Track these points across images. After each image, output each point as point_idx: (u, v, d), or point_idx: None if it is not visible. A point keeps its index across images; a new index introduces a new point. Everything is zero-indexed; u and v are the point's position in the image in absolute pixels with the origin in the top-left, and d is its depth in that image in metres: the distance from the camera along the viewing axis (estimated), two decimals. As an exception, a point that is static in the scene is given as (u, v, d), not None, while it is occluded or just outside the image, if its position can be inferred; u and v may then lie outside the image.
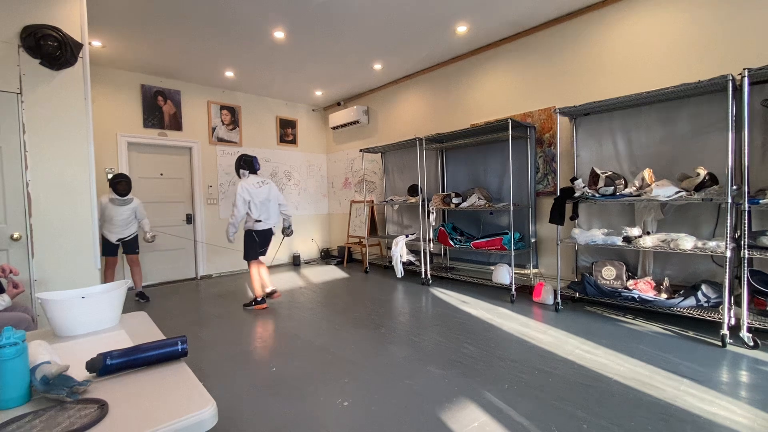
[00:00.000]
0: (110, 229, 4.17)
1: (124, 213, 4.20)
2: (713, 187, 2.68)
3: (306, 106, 6.87)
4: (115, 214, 4.14)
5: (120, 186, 4.12)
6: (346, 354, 2.67)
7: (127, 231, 4.28)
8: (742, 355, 2.42)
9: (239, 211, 3.68)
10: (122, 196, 4.15)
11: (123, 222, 4.21)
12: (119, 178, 4.15)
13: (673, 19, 3.17)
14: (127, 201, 4.21)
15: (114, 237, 4.21)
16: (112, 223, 4.16)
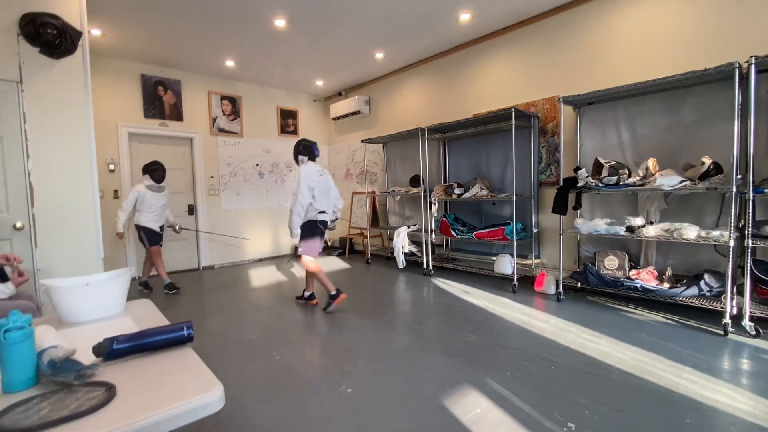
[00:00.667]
0: (151, 218, 4.14)
1: (162, 200, 4.20)
2: (718, 177, 2.66)
3: (307, 96, 6.82)
4: (155, 202, 4.12)
5: (156, 173, 4.10)
6: (349, 342, 2.68)
7: (163, 219, 4.28)
8: (744, 344, 2.43)
9: (304, 199, 3.26)
10: (158, 182, 4.13)
11: (162, 209, 4.21)
12: (155, 165, 4.12)
13: (678, 6, 3.12)
14: (163, 188, 4.20)
15: (157, 225, 4.19)
16: (153, 210, 4.13)
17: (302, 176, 3.28)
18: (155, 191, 4.12)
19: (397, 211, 5.79)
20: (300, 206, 3.27)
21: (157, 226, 4.20)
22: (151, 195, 4.09)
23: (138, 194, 4.04)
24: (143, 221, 4.10)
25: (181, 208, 5.48)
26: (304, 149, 3.43)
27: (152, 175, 4.09)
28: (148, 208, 4.10)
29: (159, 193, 4.16)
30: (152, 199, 4.10)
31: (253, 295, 4.09)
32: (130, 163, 5.01)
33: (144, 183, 4.09)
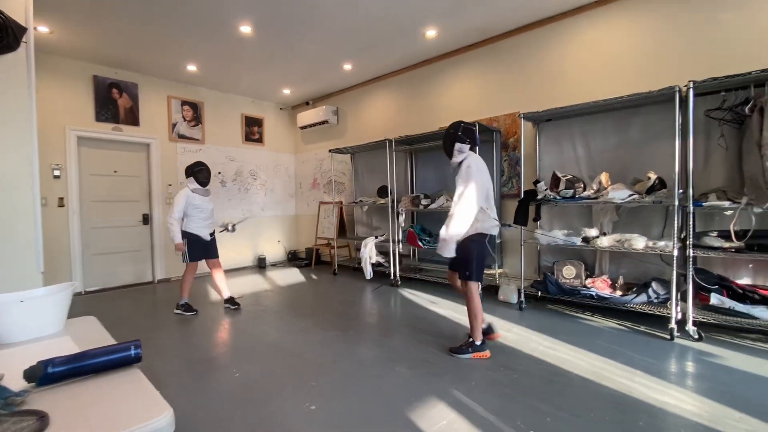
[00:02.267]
0: (201, 224, 3.71)
1: (210, 204, 3.81)
2: (662, 191, 2.87)
3: (273, 105, 6.72)
4: (206, 206, 3.74)
5: (201, 174, 3.69)
6: (313, 357, 2.61)
7: (211, 224, 3.87)
8: (689, 347, 2.59)
9: (474, 202, 2.38)
10: (204, 185, 3.73)
11: (211, 214, 3.82)
12: (200, 166, 3.70)
13: (627, 32, 3.38)
14: (209, 191, 3.83)
15: (206, 233, 3.77)
16: (203, 215, 3.72)
17: (473, 169, 2.39)
18: (202, 194, 3.72)
19: (364, 221, 5.77)
20: (470, 211, 2.37)
21: (207, 233, 3.78)
22: (198, 198, 3.68)
23: (187, 198, 3.61)
24: (191, 227, 3.66)
25: (135, 218, 5.17)
26: (465, 133, 2.52)
27: (197, 177, 3.67)
28: (198, 212, 3.68)
29: (206, 197, 3.77)
30: (201, 202, 3.70)
31: (213, 309, 3.90)
32: (78, 169, 4.68)
33: (189, 186, 3.68)
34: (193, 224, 3.67)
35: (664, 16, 3.19)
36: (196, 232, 3.68)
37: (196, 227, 3.68)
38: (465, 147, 2.54)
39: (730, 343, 2.63)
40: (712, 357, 2.43)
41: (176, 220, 3.58)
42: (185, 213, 3.64)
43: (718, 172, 2.91)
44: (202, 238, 3.71)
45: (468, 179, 2.39)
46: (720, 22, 2.95)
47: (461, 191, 2.40)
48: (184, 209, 3.61)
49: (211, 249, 3.82)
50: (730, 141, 2.82)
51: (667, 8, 3.17)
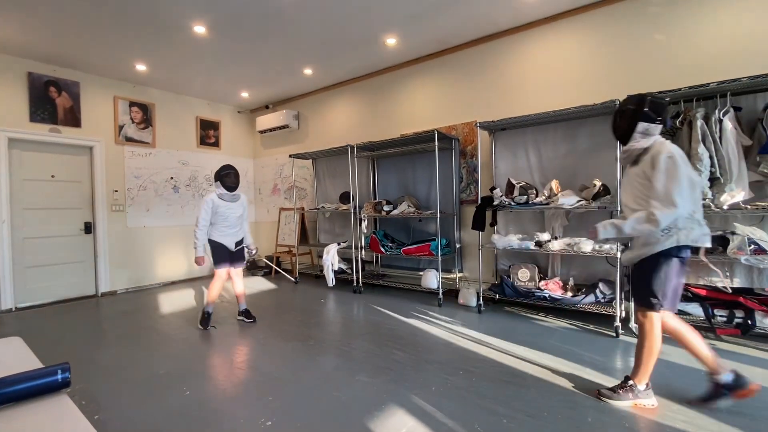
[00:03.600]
0: (225, 232, 3.48)
1: (237, 210, 3.53)
2: (606, 197, 3.06)
3: (231, 108, 6.50)
4: (228, 213, 3.46)
5: (228, 179, 3.44)
6: (271, 370, 2.52)
7: (241, 233, 3.62)
8: (631, 343, 2.76)
9: (681, 206, 1.79)
10: (231, 190, 3.47)
11: (237, 222, 3.56)
12: (227, 170, 3.46)
13: (574, 48, 3.60)
14: (237, 196, 3.54)
15: (232, 242, 3.52)
16: (228, 223, 3.47)
17: (679, 161, 1.80)
18: (228, 200, 3.47)
19: (327, 228, 5.70)
20: (670, 217, 1.78)
21: (233, 242, 3.53)
22: (224, 205, 3.44)
23: (211, 204, 3.39)
24: (215, 236, 3.46)
25: (76, 227, 4.79)
26: (654, 109, 1.91)
27: (224, 182, 3.43)
28: (222, 220, 3.45)
29: (233, 203, 3.50)
30: (226, 210, 3.46)
31: (163, 322, 3.67)
32: (9, 174, 4.27)
33: (216, 191, 3.45)
34: (217, 232, 3.47)
35: (606, 34, 3.43)
36: (218, 240, 3.47)
37: (219, 235, 3.47)
38: (655, 128, 1.92)
39: (668, 338, 2.83)
40: (652, 352, 2.60)
41: (200, 229, 3.38)
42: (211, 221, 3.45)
43: (655, 180, 3.15)
44: (224, 246, 3.49)
45: (674, 175, 1.78)
46: (655, 42, 3.21)
47: (662, 190, 1.79)
48: (208, 217, 3.40)
49: (236, 258, 3.60)
50: (663, 151, 3.06)
51: (609, 27, 3.41)
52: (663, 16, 3.17)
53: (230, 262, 3.53)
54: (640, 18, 3.27)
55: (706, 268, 3.00)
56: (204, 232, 3.39)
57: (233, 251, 3.53)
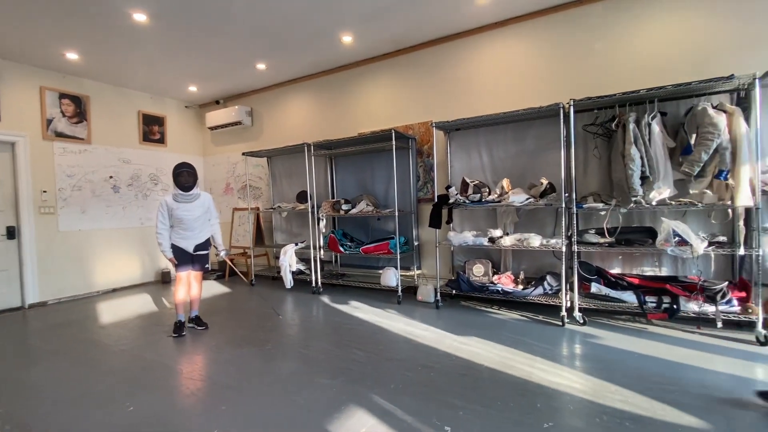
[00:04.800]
0: (182, 235, 3.29)
1: (195, 211, 3.29)
2: (552, 195, 3.25)
3: (177, 102, 6.13)
4: (184, 215, 3.23)
5: (181, 177, 3.21)
6: (224, 378, 2.41)
7: (202, 235, 3.40)
8: (576, 331, 2.97)
9: None
10: (186, 189, 3.23)
11: (195, 223, 3.32)
12: (180, 168, 3.23)
13: (522, 53, 3.78)
14: (194, 196, 3.30)
15: (191, 245, 3.32)
16: (183, 225, 3.27)
17: None
18: (183, 201, 3.24)
19: (284, 228, 5.55)
20: None
21: (191, 245, 3.32)
22: (178, 206, 3.22)
23: (165, 206, 3.21)
24: (172, 238, 3.28)
25: (-3, 231, 4.29)
26: None
27: (177, 181, 3.22)
28: (177, 222, 3.26)
29: (190, 203, 3.27)
30: (181, 212, 3.23)
31: (103, 334, 3.40)
32: None
33: (172, 192, 3.27)
34: (174, 235, 3.30)
35: (550, 41, 3.63)
36: (175, 243, 3.30)
37: (176, 238, 3.30)
38: None
39: (608, 324, 3.08)
40: (594, 338, 2.81)
41: (159, 234, 3.24)
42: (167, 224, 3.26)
43: (594, 178, 3.40)
44: (183, 249, 3.31)
45: None
46: (594, 50, 3.45)
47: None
48: (164, 220, 3.22)
49: (196, 260, 3.41)
50: (602, 152, 3.31)
51: (553, 34, 3.62)
52: (601, 26, 3.42)
53: (190, 264, 3.36)
54: (581, 27, 3.50)
55: (639, 258, 3.29)
56: (164, 236, 3.25)
57: (193, 254, 3.36)
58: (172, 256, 3.27)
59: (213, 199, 3.54)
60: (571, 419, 1.83)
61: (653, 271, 3.23)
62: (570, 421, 1.82)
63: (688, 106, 2.94)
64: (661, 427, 1.73)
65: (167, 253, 3.26)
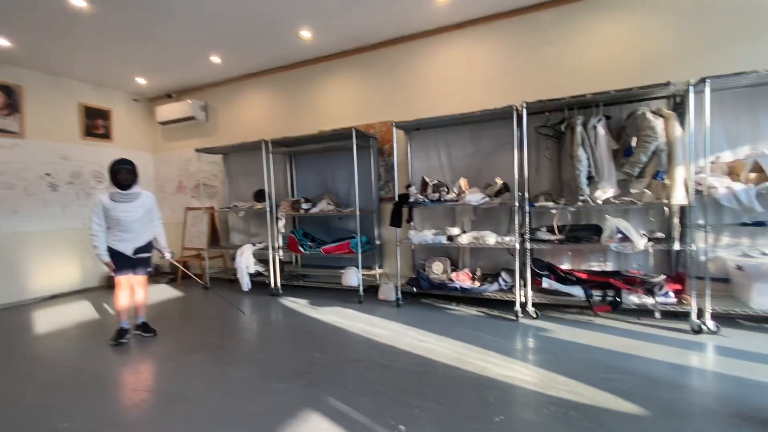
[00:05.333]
0: (120, 237, 3.03)
1: (134, 211, 3.04)
2: (506, 194, 3.35)
3: (124, 95, 5.75)
4: (122, 216, 2.97)
5: (120, 175, 2.97)
6: (171, 388, 2.29)
7: (143, 237, 3.16)
8: (530, 326, 3.07)
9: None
10: (125, 188, 2.99)
11: (135, 224, 3.07)
12: (119, 165, 2.99)
13: (478, 55, 3.87)
14: (134, 195, 3.05)
15: (129, 247, 3.07)
16: (121, 227, 3.01)
17: None
18: (121, 200, 2.99)
19: (241, 228, 5.36)
20: None
21: (130, 248, 3.08)
22: (115, 206, 2.97)
23: (100, 206, 2.96)
24: (109, 241, 3.02)
25: None
26: None
27: (115, 179, 2.97)
28: (114, 223, 3.00)
29: (128, 203, 3.01)
30: (119, 212, 2.97)
31: (38, 345, 3.12)
32: None
33: (109, 190, 3.01)
34: (111, 237, 3.04)
35: (505, 44, 3.74)
36: (113, 246, 3.04)
37: (113, 240, 3.04)
38: None
39: (558, 317, 3.22)
40: (545, 332, 2.93)
41: (94, 235, 2.98)
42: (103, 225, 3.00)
43: (546, 178, 3.54)
44: (120, 253, 3.06)
45: None
46: (546, 55, 3.59)
47: None
48: (99, 220, 2.96)
49: (137, 264, 3.17)
50: (553, 153, 3.45)
51: (507, 38, 3.73)
52: (552, 32, 3.56)
53: (131, 268, 3.13)
54: (533, 32, 3.63)
55: (587, 254, 3.46)
56: (100, 238, 2.99)
57: (133, 258, 3.12)
58: (109, 259, 3.02)
59: (156, 199, 3.31)
60: (520, 411, 1.89)
61: (599, 266, 3.42)
62: (519, 413, 1.88)
63: (630, 110, 3.12)
64: (602, 414, 1.82)
65: (103, 257, 3.00)
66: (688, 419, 1.76)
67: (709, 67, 2.86)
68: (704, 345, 2.57)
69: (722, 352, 2.46)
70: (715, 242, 3.09)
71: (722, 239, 3.10)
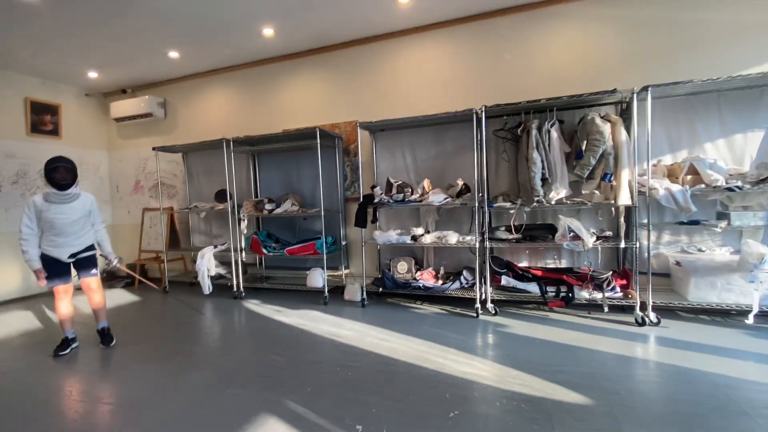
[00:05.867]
0: (55, 242, 2.78)
1: (71, 214, 2.79)
2: (467, 194, 3.44)
3: (75, 89, 5.43)
4: (57, 218, 2.72)
5: (57, 174, 2.70)
6: (123, 398, 2.19)
7: (81, 242, 2.89)
8: (489, 322, 3.17)
9: None
10: (62, 188, 2.73)
11: (71, 228, 2.81)
12: (54, 163, 2.71)
13: (440, 58, 3.95)
14: (72, 196, 2.79)
15: (64, 253, 2.81)
16: (55, 230, 2.75)
17: None
18: (57, 201, 2.74)
19: (202, 229, 5.20)
20: None
21: (66, 253, 2.82)
22: (49, 208, 2.71)
23: (33, 208, 2.71)
24: (42, 246, 2.78)
25: None
26: None
27: (50, 178, 2.70)
28: (48, 227, 2.75)
29: (65, 204, 2.76)
30: (53, 214, 2.72)
31: (-28, 357, 2.90)
32: None
33: (44, 190, 2.76)
34: (44, 242, 2.79)
35: (466, 48, 3.84)
36: (45, 252, 2.79)
37: (46, 246, 2.79)
38: None
39: (516, 313, 3.34)
40: (503, 327, 3.03)
41: (25, 239, 2.72)
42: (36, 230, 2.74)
43: (505, 180, 3.67)
44: (55, 259, 2.81)
45: None
46: (505, 60, 3.71)
47: None
48: (32, 224, 2.71)
49: (79, 267, 2.94)
50: (510, 155, 3.58)
51: (468, 43, 3.83)
52: (511, 38, 3.69)
53: (65, 276, 2.88)
54: (493, 37, 3.75)
55: (542, 252, 3.61)
56: (31, 242, 2.73)
57: (68, 263, 2.88)
58: (40, 266, 2.74)
59: (96, 202, 3.04)
60: (475, 406, 1.95)
61: (554, 263, 3.58)
62: (474, 407, 1.94)
63: (581, 115, 3.29)
64: (550, 405, 1.91)
65: (33, 263, 2.73)
66: (628, 406, 1.88)
67: (654, 77, 3.06)
68: (647, 336, 2.75)
69: (662, 342, 2.65)
70: (657, 240, 3.31)
71: (663, 237, 3.33)
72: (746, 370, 2.19)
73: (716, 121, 3.13)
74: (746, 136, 3.07)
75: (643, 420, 1.76)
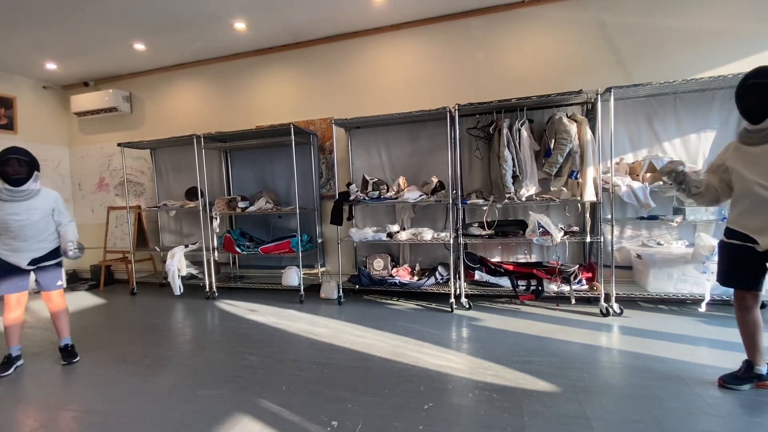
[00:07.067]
0: (12, 246, 2.46)
1: (27, 214, 2.45)
2: (442, 192, 3.50)
3: (32, 82, 5.13)
4: (11, 219, 2.40)
5: (9, 167, 2.36)
6: (88, 405, 2.10)
7: (42, 246, 2.54)
8: (463, 316, 3.25)
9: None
10: (15, 184, 2.39)
11: (28, 230, 2.46)
12: (7, 155, 2.37)
13: (414, 56, 3.98)
14: (28, 193, 2.45)
15: (23, 258, 2.48)
16: (10, 233, 2.43)
17: None
18: (11, 199, 2.41)
19: (172, 228, 5.04)
20: None
21: (24, 258, 2.49)
22: (1, 206, 2.40)
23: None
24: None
25: None
26: None
27: (3, 173, 2.37)
28: (2, 228, 2.43)
29: (21, 202, 2.43)
30: (6, 214, 2.40)
31: None
32: None
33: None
34: (1, 246, 2.48)
35: (439, 47, 3.89)
36: (3, 258, 2.48)
37: (3, 250, 2.48)
38: None
39: (489, 307, 3.43)
40: (476, 321, 3.11)
41: None
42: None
43: (478, 177, 3.75)
44: (10, 264, 2.48)
45: None
46: (477, 59, 3.79)
47: None
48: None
49: (41, 277, 2.60)
50: (483, 153, 3.66)
51: (442, 41, 3.88)
52: (483, 38, 3.76)
53: (20, 285, 2.55)
54: (465, 37, 3.81)
55: (514, 247, 3.72)
56: None
57: (28, 270, 2.55)
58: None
59: (60, 198, 2.68)
60: (448, 397, 1.99)
61: (525, 258, 3.70)
62: (447, 399, 1.98)
63: (549, 114, 3.40)
64: (520, 394, 1.98)
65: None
66: (592, 392, 1.97)
67: (617, 79, 3.21)
68: (611, 326, 2.89)
69: (624, 331, 2.79)
70: (620, 234, 3.48)
71: (626, 231, 3.50)
72: (698, 355, 2.34)
73: (673, 122, 3.31)
74: (700, 136, 3.27)
75: (605, 404, 1.86)
